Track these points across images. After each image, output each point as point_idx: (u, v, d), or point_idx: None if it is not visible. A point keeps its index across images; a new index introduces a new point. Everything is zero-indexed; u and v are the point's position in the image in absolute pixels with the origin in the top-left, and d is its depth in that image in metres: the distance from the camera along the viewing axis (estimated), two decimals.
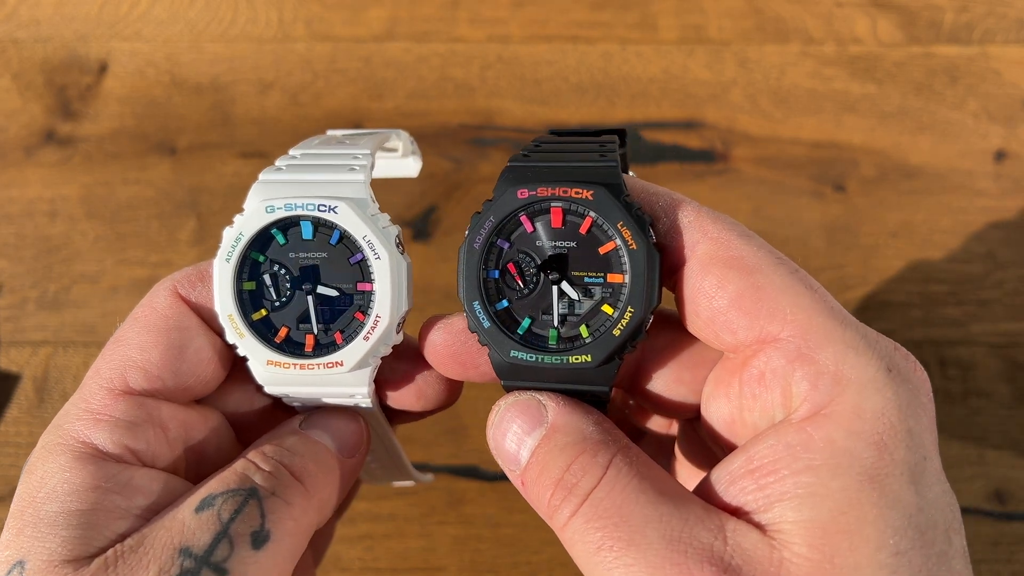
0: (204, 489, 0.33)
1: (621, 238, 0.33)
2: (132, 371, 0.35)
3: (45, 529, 0.32)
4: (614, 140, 0.36)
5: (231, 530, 0.32)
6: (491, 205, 0.34)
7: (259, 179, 0.37)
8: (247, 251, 0.36)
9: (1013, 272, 0.66)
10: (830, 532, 0.28)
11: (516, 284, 0.34)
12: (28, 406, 0.64)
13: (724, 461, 0.31)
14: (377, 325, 0.35)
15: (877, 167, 0.69)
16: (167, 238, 0.68)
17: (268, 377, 0.37)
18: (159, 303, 0.36)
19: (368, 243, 0.35)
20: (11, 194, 0.69)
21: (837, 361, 0.30)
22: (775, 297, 0.31)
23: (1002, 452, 0.61)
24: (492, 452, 0.34)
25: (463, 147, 0.70)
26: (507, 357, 0.34)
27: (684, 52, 0.73)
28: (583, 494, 0.30)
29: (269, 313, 0.37)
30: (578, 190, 0.33)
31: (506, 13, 0.74)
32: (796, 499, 0.28)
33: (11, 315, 0.66)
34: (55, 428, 0.35)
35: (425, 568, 0.60)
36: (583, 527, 0.30)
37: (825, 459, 0.28)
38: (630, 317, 0.33)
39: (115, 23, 0.74)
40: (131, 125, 0.71)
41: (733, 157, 0.70)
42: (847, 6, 0.74)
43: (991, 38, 0.72)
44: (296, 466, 0.35)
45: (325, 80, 0.72)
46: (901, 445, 0.29)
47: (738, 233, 0.32)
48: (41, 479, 0.33)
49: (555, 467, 0.31)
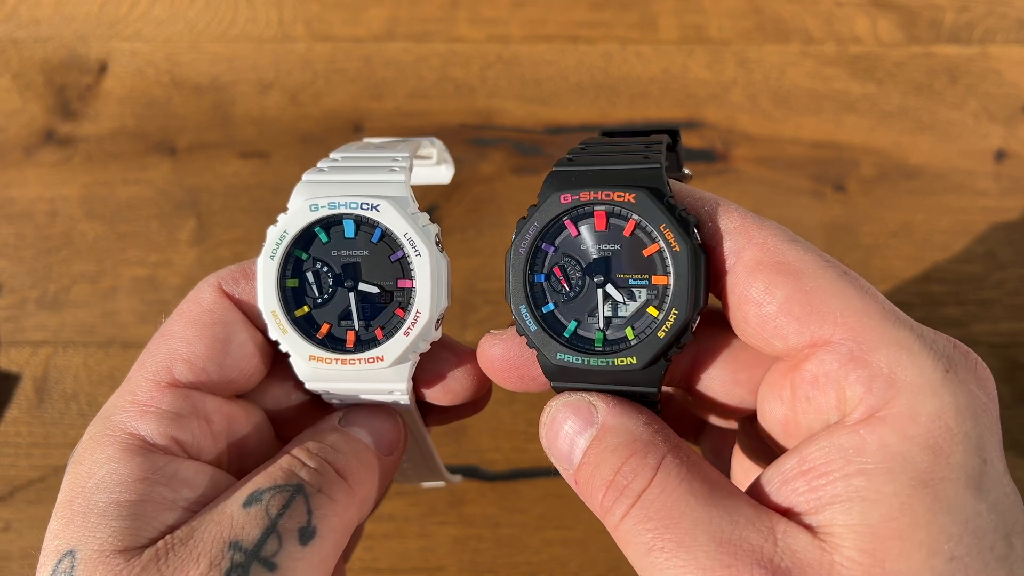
0: (251, 484, 0.34)
1: (664, 240, 0.33)
2: (178, 364, 0.36)
3: (95, 519, 0.32)
4: (662, 141, 0.36)
5: (279, 525, 0.32)
6: (535, 210, 0.34)
7: (303, 179, 0.38)
8: (291, 249, 0.37)
9: (1013, 272, 0.66)
10: (881, 536, 0.27)
11: (562, 287, 0.35)
12: (28, 406, 0.64)
13: (777, 462, 0.31)
14: (417, 320, 0.36)
15: (877, 167, 0.69)
16: (167, 238, 0.68)
17: (310, 373, 0.37)
18: (204, 299, 0.37)
19: (409, 240, 0.36)
20: (11, 194, 0.69)
21: (891, 363, 0.29)
22: (825, 300, 0.31)
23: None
24: (545, 451, 0.35)
25: (463, 147, 0.70)
26: (554, 360, 0.34)
27: (684, 52, 0.73)
28: (634, 495, 0.30)
29: (311, 310, 0.37)
30: (620, 193, 0.33)
31: (506, 13, 0.74)
32: (848, 502, 0.28)
33: (11, 315, 0.66)
34: (102, 419, 0.35)
35: (425, 568, 0.60)
36: (634, 528, 0.30)
37: (878, 463, 0.28)
38: (674, 319, 0.33)
39: (115, 23, 0.74)
40: (131, 125, 0.71)
41: (733, 157, 0.70)
42: (847, 6, 0.74)
43: (991, 38, 0.72)
44: (340, 463, 0.36)
45: (325, 80, 0.72)
46: (958, 449, 0.28)
47: (784, 238, 0.32)
48: (89, 470, 0.33)
49: (607, 468, 0.32)
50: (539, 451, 0.62)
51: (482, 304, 0.66)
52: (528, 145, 0.71)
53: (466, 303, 0.66)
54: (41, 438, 0.63)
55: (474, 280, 0.66)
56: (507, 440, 0.63)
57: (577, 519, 0.60)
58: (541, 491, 0.61)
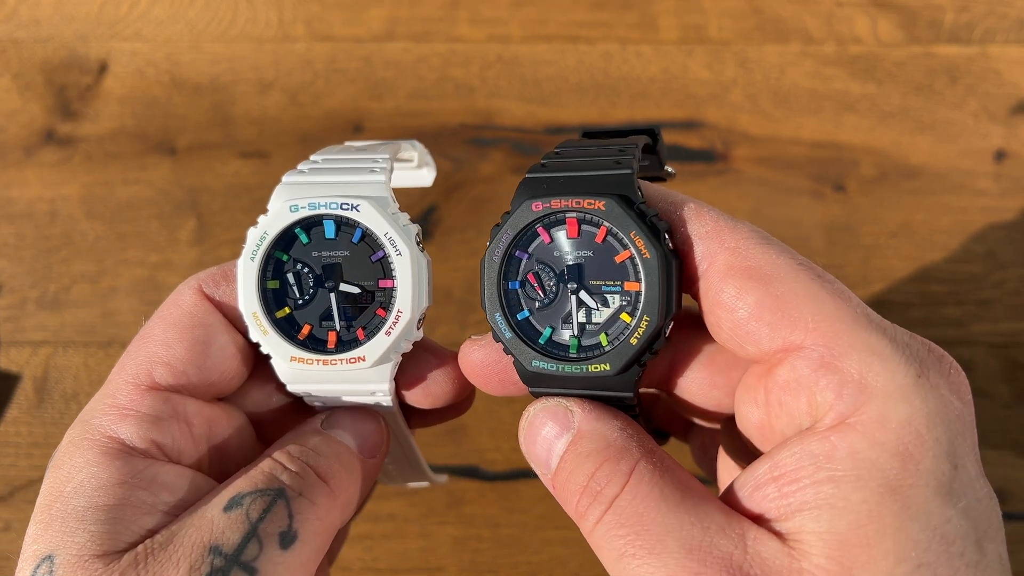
0: (232, 488, 0.34)
1: (634, 247, 0.33)
2: (158, 367, 0.35)
3: (73, 524, 0.32)
4: (635, 144, 0.36)
5: (260, 530, 0.32)
6: (508, 218, 0.35)
7: (283, 181, 0.38)
8: (271, 250, 0.37)
9: (1013, 272, 0.66)
10: (849, 544, 0.27)
11: (536, 294, 0.35)
12: (28, 406, 0.64)
13: (750, 467, 0.31)
14: (399, 320, 0.36)
15: (877, 167, 0.69)
16: (167, 238, 0.68)
17: (291, 374, 0.37)
18: (184, 301, 0.37)
19: (389, 240, 0.36)
20: (11, 194, 0.69)
21: (862, 369, 0.29)
22: (796, 305, 0.30)
23: (1002, 452, 0.61)
24: (524, 455, 0.35)
25: (463, 147, 0.70)
26: (529, 367, 0.34)
27: (684, 52, 0.73)
28: (607, 501, 0.31)
29: (292, 311, 0.37)
30: (591, 201, 0.33)
31: (506, 13, 0.74)
32: (816, 509, 0.28)
33: (11, 315, 0.66)
34: (81, 423, 0.35)
35: (425, 568, 0.60)
36: (607, 534, 0.30)
37: (847, 470, 0.28)
38: (646, 326, 0.33)
39: (115, 23, 0.74)
40: (131, 125, 0.71)
41: (733, 157, 0.70)
42: (847, 6, 0.74)
43: (991, 38, 0.72)
44: (321, 467, 0.35)
45: (325, 80, 0.72)
46: (928, 455, 0.28)
47: (757, 240, 0.32)
48: (68, 474, 0.33)
49: (581, 473, 0.32)
50: None
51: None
52: (528, 145, 0.71)
53: (466, 303, 0.66)
54: (41, 438, 0.63)
55: (474, 280, 0.66)
56: (507, 440, 0.63)
57: None
58: (541, 491, 0.61)
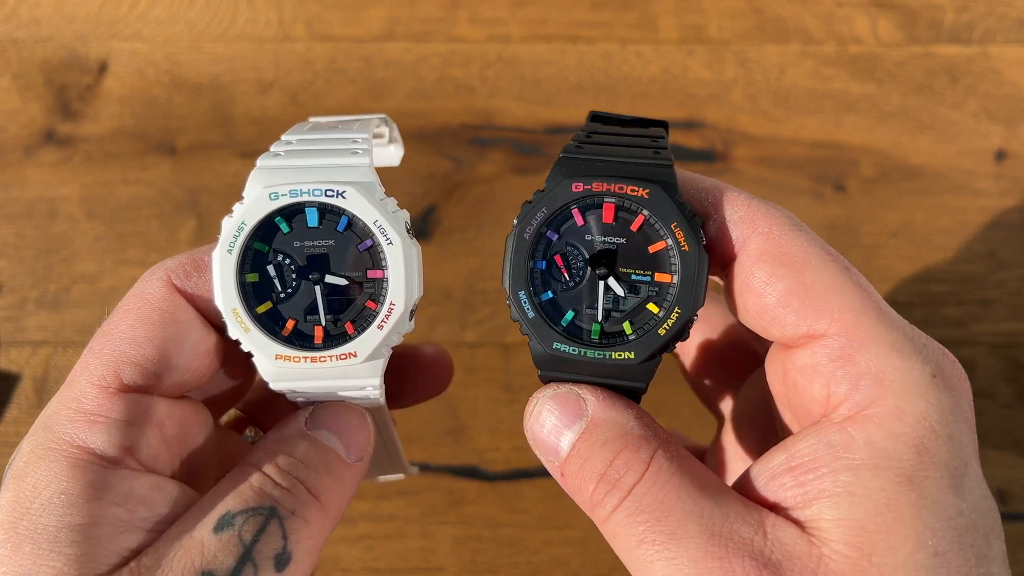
0: (220, 506, 0.32)
1: (674, 239, 0.33)
2: (126, 367, 0.33)
3: (46, 546, 0.30)
4: (663, 135, 0.36)
5: (255, 552, 0.31)
6: (543, 196, 0.34)
7: (257, 165, 0.35)
8: (250, 241, 0.35)
9: (1014, 272, 0.66)
10: (868, 531, 0.28)
11: (562, 276, 0.34)
12: (28, 406, 0.64)
13: (763, 457, 0.31)
14: (392, 313, 0.34)
15: (877, 167, 0.69)
16: (167, 238, 0.68)
17: (276, 373, 0.35)
18: (152, 294, 0.34)
19: (380, 228, 0.34)
20: (11, 194, 0.69)
21: (880, 363, 0.30)
22: (823, 295, 0.31)
23: (1003, 452, 0.61)
24: (529, 442, 0.34)
25: (463, 147, 0.70)
26: (549, 348, 0.33)
27: (684, 52, 0.73)
28: (626, 489, 0.31)
29: (275, 305, 0.35)
30: (634, 187, 0.33)
31: (506, 13, 0.74)
32: (835, 497, 0.29)
33: (11, 315, 0.66)
34: (44, 429, 0.32)
35: (425, 568, 0.60)
36: (626, 521, 0.30)
37: (864, 459, 0.29)
38: (676, 318, 0.33)
39: (115, 23, 0.74)
40: (131, 125, 0.71)
41: (733, 157, 0.70)
42: (847, 6, 0.74)
43: (991, 38, 0.72)
44: (311, 481, 0.34)
45: (325, 80, 0.72)
46: (942, 449, 0.29)
47: (789, 225, 0.33)
48: (33, 488, 0.31)
49: (598, 461, 0.31)
50: None
51: (482, 304, 0.66)
52: (528, 145, 0.71)
53: (466, 303, 0.66)
54: None
55: (474, 280, 0.66)
56: (507, 440, 0.62)
57: (577, 519, 0.60)
58: (541, 491, 0.61)
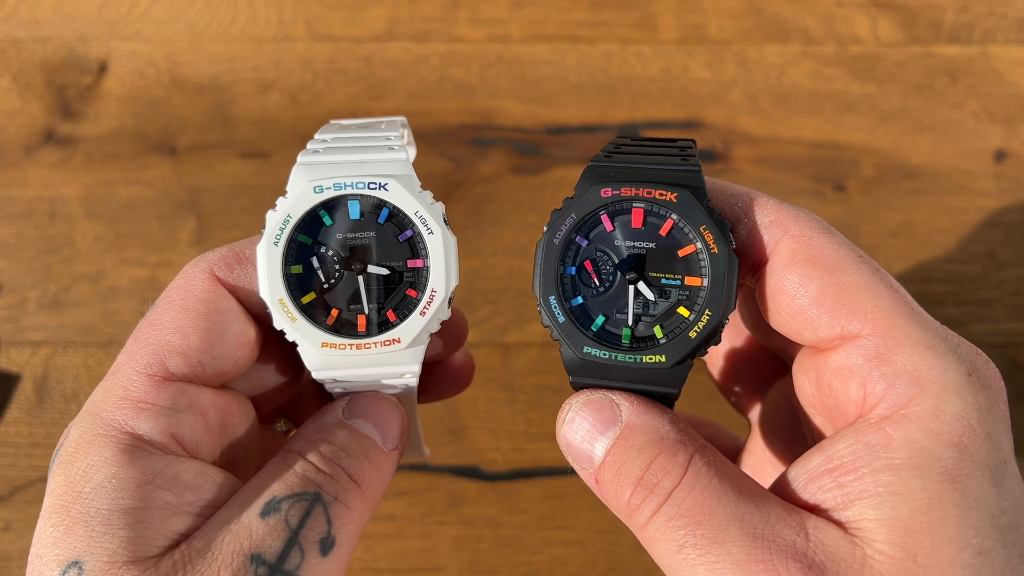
0: (267, 492, 0.33)
1: (703, 241, 0.33)
2: (172, 356, 0.34)
3: (100, 528, 0.30)
4: (691, 146, 0.37)
5: (301, 536, 0.32)
6: (572, 202, 0.34)
7: (299, 162, 0.36)
8: (294, 234, 0.36)
9: (1013, 272, 0.66)
10: (912, 531, 0.28)
11: (592, 282, 0.35)
12: (28, 406, 0.64)
13: (800, 460, 0.31)
14: (433, 300, 0.36)
15: (877, 167, 0.69)
16: (167, 238, 0.68)
17: (320, 361, 0.36)
18: (196, 285, 0.35)
19: (421, 219, 0.36)
20: (11, 194, 0.69)
21: (916, 362, 0.30)
22: (856, 296, 0.31)
23: None
24: (562, 449, 0.34)
25: (463, 147, 0.70)
26: (580, 353, 0.34)
27: (684, 52, 0.73)
28: (664, 493, 0.30)
29: (319, 296, 0.36)
30: (662, 192, 0.33)
31: (506, 13, 0.74)
32: (877, 497, 0.28)
33: (11, 315, 0.66)
34: (92, 416, 0.33)
35: (425, 568, 0.60)
36: (665, 526, 0.30)
37: (905, 458, 0.29)
38: (707, 320, 0.33)
39: (115, 23, 0.74)
40: (131, 125, 0.71)
41: (733, 157, 0.70)
42: (847, 6, 0.74)
43: (991, 38, 0.72)
44: (352, 468, 0.35)
45: (325, 80, 0.72)
46: (981, 448, 0.29)
47: (820, 229, 0.33)
48: (84, 473, 0.31)
49: (634, 467, 0.31)
50: (539, 451, 0.63)
51: (482, 304, 0.66)
52: (528, 145, 0.71)
53: (466, 303, 0.66)
54: (41, 438, 0.63)
55: (474, 280, 0.66)
56: (507, 440, 0.63)
57: (577, 519, 0.60)
58: (541, 491, 0.61)
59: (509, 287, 0.66)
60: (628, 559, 0.59)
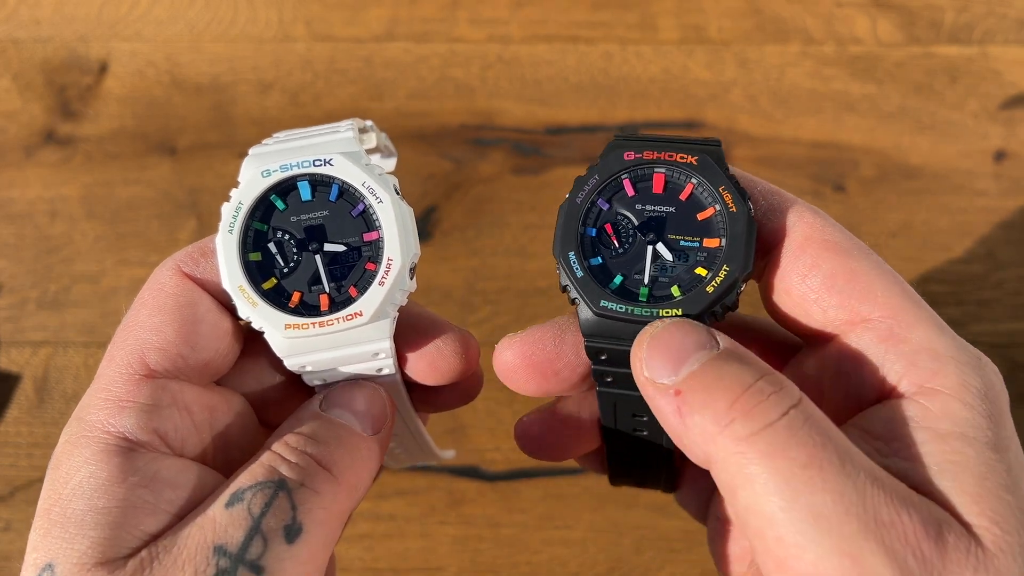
0: (234, 484, 0.32)
1: (722, 202, 0.34)
2: (150, 352, 0.34)
3: (73, 530, 0.30)
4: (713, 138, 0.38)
5: (263, 525, 0.31)
6: (596, 168, 0.35)
7: (250, 154, 0.37)
8: (249, 221, 0.36)
9: (1013, 272, 0.66)
10: (981, 497, 0.27)
11: (612, 244, 0.35)
12: (28, 406, 0.64)
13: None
14: (391, 268, 0.35)
15: (877, 167, 0.69)
16: (167, 238, 0.68)
17: (287, 345, 0.36)
18: (165, 282, 0.35)
19: (368, 189, 0.36)
20: (11, 194, 0.69)
21: (931, 339, 0.30)
22: (867, 280, 0.31)
23: None
24: (633, 357, 0.32)
25: (463, 147, 0.70)
26: (597, 306, 0.34)
27: (684, 52, 0.73)
28: (781, 409, 0.27)
29: (279, 281, 0.36)
30: (683, 155, 0.34)
31: (506, 13, 0.74)
32: (935, 466, 0.28)
33: (11, 315, 0.66)
34: (77, 420, 0.33)
35: (425, 568, 0.60)
36: (790, 440, 0.26)
37: (950, 428, 0.28)
38: (724, 275, 0.33)
39: (115, 23, 0.74)
40: (131, 125, 0.71)
41: (733, 157, 0.70)
42: (847, 6, 0.74)
43: (991, 38, 0.72)
44: (321, 454, 0.34)
45: (325, 80, 0.72)
46: (1008, 422, 0.29)
47: (832, 222, 0.34)
48: (66, 474, 0.31)
49: (742, 377, 0.29)
50: None
51: (482, 304, 0.66)
52: (528, 145, 0.71)
53: (466, 303, 0.66)
54: (41, 438, 0.63)
55: (474, 280, 0.66)
56: (507, 440, 0.62)
57: (577, 519, 0.60)
58: (541, 491, 0.61)
59: (509, 287, 0.66)
60: (628, 559, 0.59)
